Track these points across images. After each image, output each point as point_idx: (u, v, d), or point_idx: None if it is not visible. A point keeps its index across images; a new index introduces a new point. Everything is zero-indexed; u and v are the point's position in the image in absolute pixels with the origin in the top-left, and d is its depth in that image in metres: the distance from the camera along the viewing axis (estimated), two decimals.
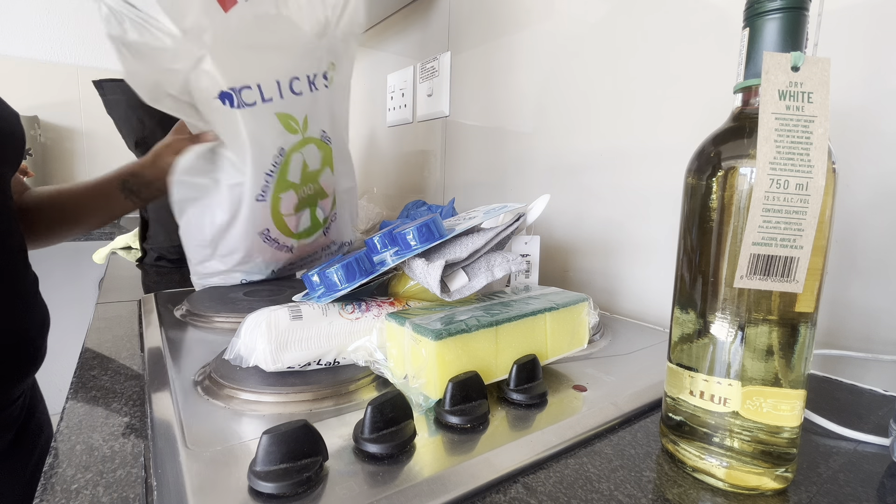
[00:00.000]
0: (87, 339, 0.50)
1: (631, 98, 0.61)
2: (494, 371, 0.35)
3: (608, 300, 0.65)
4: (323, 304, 0.40)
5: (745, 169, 0.26)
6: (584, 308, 0.41)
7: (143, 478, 0.27)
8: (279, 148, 0.59)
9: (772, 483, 0.27)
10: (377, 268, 0.41)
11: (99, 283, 0.82)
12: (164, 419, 0.32)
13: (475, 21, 0.87)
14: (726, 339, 0.27)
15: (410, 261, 0.40)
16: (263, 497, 0.24)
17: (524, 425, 0.32)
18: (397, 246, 0.41)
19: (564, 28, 0.69)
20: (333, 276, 0.40)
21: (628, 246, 0.62)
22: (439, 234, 0.41)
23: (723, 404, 0.27)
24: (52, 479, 0.27)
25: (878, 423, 0.36)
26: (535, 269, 0.57)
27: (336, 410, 0.33)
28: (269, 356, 0.36)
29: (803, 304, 0.26)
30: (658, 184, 0.58)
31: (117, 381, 0.40)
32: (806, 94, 0.24)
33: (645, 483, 0.28)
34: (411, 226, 0.41)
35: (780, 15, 0.25)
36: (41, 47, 1.84)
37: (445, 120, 0.96)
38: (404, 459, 0.28)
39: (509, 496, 0.26)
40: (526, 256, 0.57)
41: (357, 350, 0.38)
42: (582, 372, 0.41)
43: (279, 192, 0.61)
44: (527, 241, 0.57)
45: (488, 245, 0.42)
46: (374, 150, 1.26)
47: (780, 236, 0.24)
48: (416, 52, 1.04)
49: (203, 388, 0.36)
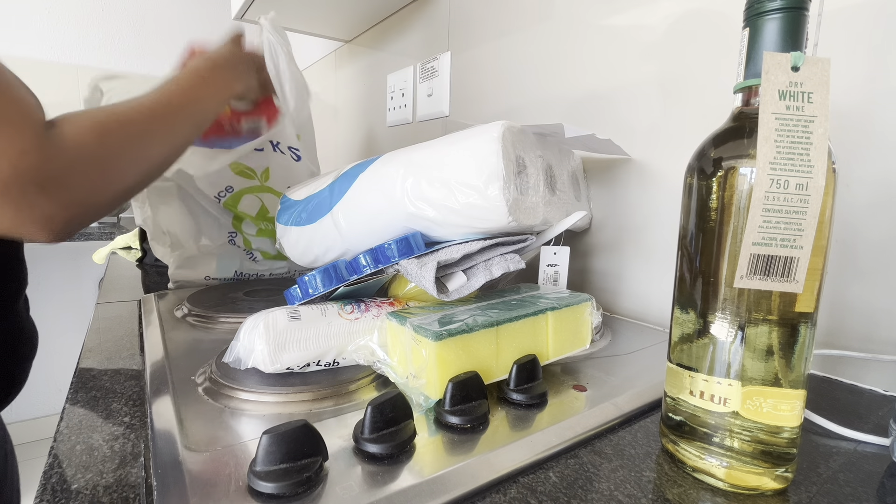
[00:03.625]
0: (87, 339, 0.50)
1: (631, 99, 0.61)
2: (495, 371, 0.35)
3: (608, 300, 0.65)
4: (322, 305, 0.40)
5: (745, 169, 0.26)
6: (587, 308, 0.41)
7: (143, 478, 0.27)
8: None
9: (772, 483, 0.27)
10: (360, 271, 0.42)
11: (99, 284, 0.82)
12: (164, 419, 0.32)
13: (475, 21, 0.87)
14: (726, 339, 0.27)
15: (404, 263, 0.41)
16: (263, 497, 0.24)
17: (524, 425, 0.32)
18: (377, 259, 0.42)
19: (565, 28, 0.69)
20: (315, 280, 0.42)
21: (628, 246, 0.62)
22: (418, 249, 0.42)
23: (723, 404, 0.27)
24: (52, 479, 0.27)
25: (878, 423, 0.36)
26: (564, 279, 0.57)
27: (336, 410, 0.33)
28: (268, 357, 0.36)
29: (803, 304, 0.26)
30: (658, 184, 0.58)
31: (117, 381, 0.40)
32: (806, 94, 0.24)
33: (645, 483, 0.28)
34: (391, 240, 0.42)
35: (780, 15, 0.25)
36: (41, 47, 1.84)
37: (445, 120, 0.96)
38: (404, 459, 0.28)
39: (509, 496, 0.26)
40: (554, 266, 0.57)
41: (358, 349, 0.38)
42: (582, 372, 0.41)
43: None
44: (556, 251, 0.57)
45: (483, 249, 0.42)
46: (374, 150, 1.25)
47: (780, 236, 0.24)
48: (416, 52, 1.04)
49: (203, 389, 0.36)
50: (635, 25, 0.59)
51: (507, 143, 0.41)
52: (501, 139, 0.40)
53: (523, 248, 0.44)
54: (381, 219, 0.46)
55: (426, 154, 0.45)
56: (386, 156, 0.49)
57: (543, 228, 0.47)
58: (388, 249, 0.41)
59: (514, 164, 0.42)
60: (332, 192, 0.51)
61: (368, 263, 0.42)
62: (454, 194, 0.41)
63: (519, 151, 0.43)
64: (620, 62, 0.62)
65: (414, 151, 0.46)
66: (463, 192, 0.41)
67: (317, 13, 1.11)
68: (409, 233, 0.44)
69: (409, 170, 0.44)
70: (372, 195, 0.47)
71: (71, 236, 0.38)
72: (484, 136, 0.41)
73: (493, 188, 0.40)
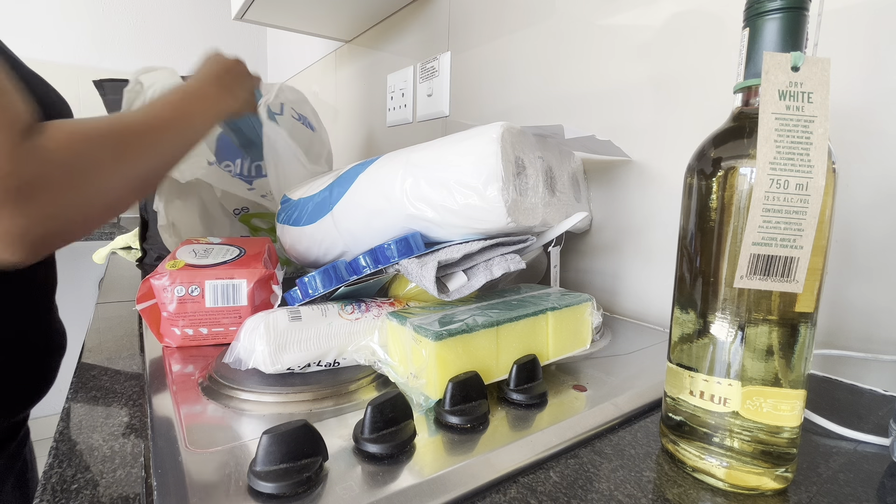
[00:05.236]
0: (87, 339, 0.50)
1: (631, 99, 0.61)
2: (495, 371, 0.35)
3: (608, 300, 0.65)
4: (322, 306, 0.40)
5: (745, 169, 0.26)
6: (587, 308, 0.41)
7: (143, 478, 0.27)
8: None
9: (772, 483, 0.27)
10: (360, 271, 0.42)
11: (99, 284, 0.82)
12: (164, 419, 0.32)
13: (475, 21, 0.87)
14: (726, 339, 0.27)
15: (405, 263, 0.41)
16: (263, 497, 0.24)
17: (524, 425, 0.32)
18: (377, 259, 0.42)
19: (564, 28, 0.69)
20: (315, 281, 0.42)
21: (628, 246, 0.62)
22: (417, 249, 0.42)
23: (723, 404, 0.27)
24: (52, 479, 0.27)
25: (878, 423, 0.36)
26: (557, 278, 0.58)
27: (336, 410, 0.33)
28: (269, 357, 0.36)
29: (803, 304, 0.26)
30: (658, 184, 0.58)
31: (117, 381, 0.40)
32: (806, 94, 0.24)
33: (645, 483, 0.28)
34: (391, 240, 0.43)
35: (780, 15, 0.25)
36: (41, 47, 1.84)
37: (445, 120, 0.96)
38: (404, 459, 0.28)
39: (509, 496, 0.26)
40: (556, 268, 0.57)
41: (359, 349, 0.38)
42: (582, 372, 0.41)
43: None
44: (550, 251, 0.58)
45: (483, 249, 0.42)
46: (374, 150, 1.25)
47: (780, 236, 0.24)
48: (416, 52, 1.04)
49: (203, 389, 0.36)
50: (635, 25, 0.59)
51: (507, 145, 0.41)
52: (500, 140, 0.40)
53: (524, 248, 0.44)
54: (380, 219, 0.46)
55: (425, 155, 0.45)
56: (385, 156, 0.49)
57: (543, 229, 0.47)
58: (388, 250, 0.41)
59: (514, 165, 0.42)
60: (331, 193, 0.51)
61: (368, 264, 0.42)
62: (453, 195, 0.41)
63: (518, 152, 0.43)
64: (620, 62, 0.62)
65: (413, 152, 0.46)
66: (462, 192, 0.41)
67: (317, 13, 1.11)
68: (409, 233, 0.44)
69: (409, 170, 0.44)
70: (371, 195, 0.47)
71: (43, 256, 0.34)
72: (483, 137, 0.41)
73: (492, 189, 0.40)
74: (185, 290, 0.43)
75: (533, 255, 0.58)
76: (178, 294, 0.43)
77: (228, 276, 0.44)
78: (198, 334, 0.45)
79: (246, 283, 0.45)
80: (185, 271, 0.44)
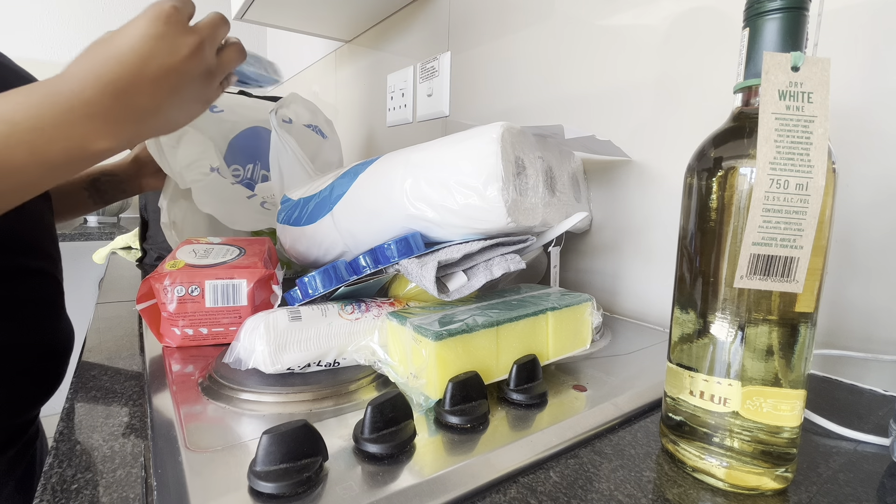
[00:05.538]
0: (87, 339, 0.50)
1: (631, 99, 0.61)
2: (495, 371, 0.35)
3: (608, 300, 0.65)
4: (322, 306, 0.40)
5: (745, 169, 0.26)
6: (588, 308, 0.41)
7: (143, 478, 0.27)
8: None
9: (772, 483, 0.27)
10: (359, 271, 0.42)
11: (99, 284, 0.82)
12: (164, 419, 0.32)
13: (475, 21, 0.87)
14: (726, 339, 0.27)
15: (405, 263, 0.41)
16: (263, 497, 0.24)
17: (524, 425, 0.32)
18: (377, 259, 0.42)
19: (564, 28, 0.69)
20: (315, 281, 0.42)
21: (628, 246, 0.62)
22: (417, 249, 0.42)
23: (723, 404, 0.27)
24: (52, 479, 0.27)
25: (878, 423, 0.36)
26: (557, 278, 0.58)
27: (336, 410, 0.33)
28: (269, 357, 0.36)
29: (803, 304, 0.26)
30: (658, 184, 0.58)
31: (117, 381, 0.40)
32: (806, 94, 0.24)
33: (645, 483, 0.28)
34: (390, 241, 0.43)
35: (780, 15, 0.25)
36: (41, 47, 1.84)
37: (445, 120, 0.96)
38: (404, 459, 0.28)
39: (509, 496, 0.26)
40: (556, 268, 0.58)
41: (359, 349, 0.38)
42: (582, 372, 0.41)
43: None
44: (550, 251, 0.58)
45: (483, 249, 0.42)
46: (374, 150, 1.25)
47: (780, 236, 0.24)
48: (416, 52, 1.04)
49: (203, 389, 0.36)
50: (635, 25, 0.59)
51: (507, 144, 0.41)
52: (500, 140, 0.40)
53: (524, 248, 0.44)
54: (380, 219, 0.46)
55: (425, 155, 0.45)
56: (385, 156, 0.49)
57: (543, 229, 0.47)
58: (388, 249, 0.41)
59: (514, 165, 0.42)
60: (331, 193, 0.51)
61: (368, 264, 0.42)
62: (453, 195, 0.41)
63: (518, 152, 0.43)
64: (620, 62, 0.62)
65: (413, 152, 0.46)
66: (462, 192, 0.41)
67: (317, 13, 1.11)
68: (409, 233, 0.44)
69: (409, 170, 0.44)
70: (371, 195, 0.47)
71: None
72: (483, 136, 0.41)
73: (492, 189, 0.40)
74: (185, 290, 0.43)
75: (533, 255, 0.58)
76: (178, 294, 0.43)
77: (228, 276, 0.44)
78: (198, 334, 0.45)
79: (246, 283, 0.45)
80: (185, 271, 0.44)
